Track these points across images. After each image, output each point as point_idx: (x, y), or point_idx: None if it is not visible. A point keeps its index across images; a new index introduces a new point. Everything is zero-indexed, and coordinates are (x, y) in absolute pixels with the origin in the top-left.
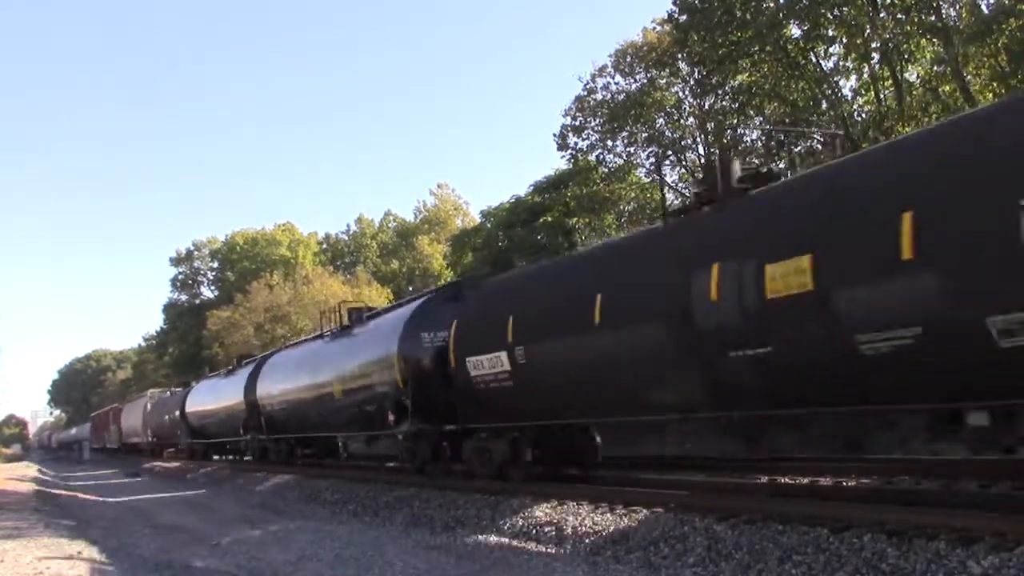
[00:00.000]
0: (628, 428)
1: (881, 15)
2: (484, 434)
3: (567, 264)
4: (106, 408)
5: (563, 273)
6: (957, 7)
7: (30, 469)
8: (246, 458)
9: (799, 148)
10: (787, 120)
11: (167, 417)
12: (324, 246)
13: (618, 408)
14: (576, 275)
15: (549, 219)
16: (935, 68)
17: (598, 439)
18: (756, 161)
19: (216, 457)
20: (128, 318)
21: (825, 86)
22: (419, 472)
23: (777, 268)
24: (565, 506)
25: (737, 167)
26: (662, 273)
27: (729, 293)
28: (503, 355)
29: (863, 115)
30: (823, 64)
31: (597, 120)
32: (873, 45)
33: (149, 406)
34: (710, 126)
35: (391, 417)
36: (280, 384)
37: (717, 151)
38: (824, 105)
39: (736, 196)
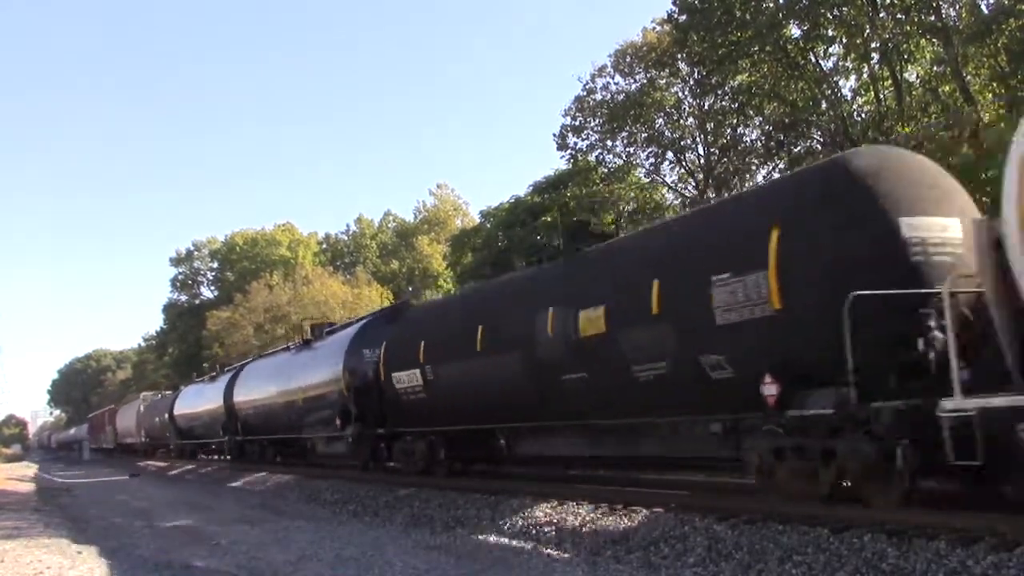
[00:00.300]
0: (519, 431)
1: (881, 15)
2: (410, 437)
3: (461, 299)
4: (102, 410)
5: (458, 307)
6: (957, 7)
7: (30, 469)
8: (226, 458)
9: (799, 148)
10: (787, 120)
11: (158, 419)
12: (324, 246)
13: (498, 416)
14: (466, 309)
15: (549, 219)
16: (935, 68)
17: (502, 441)
18: (756, 161)
19: (202, 456)
20: (128, 318)
21: (825, 86)
22: (364, 469)
23: (586, 314)
24: (565, 506)
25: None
26: (520, 312)
27: (559, 331)
28: (417, 372)
29: (863, 115)
30: (823, 64)
31: (597, 120)
32: (873, 45)
33: (142, 408)
34: (710, 126)
35: (338, 421)
36: (254, 391)
37: (716, 150)
38: (824, 105)
39: (570, 255)
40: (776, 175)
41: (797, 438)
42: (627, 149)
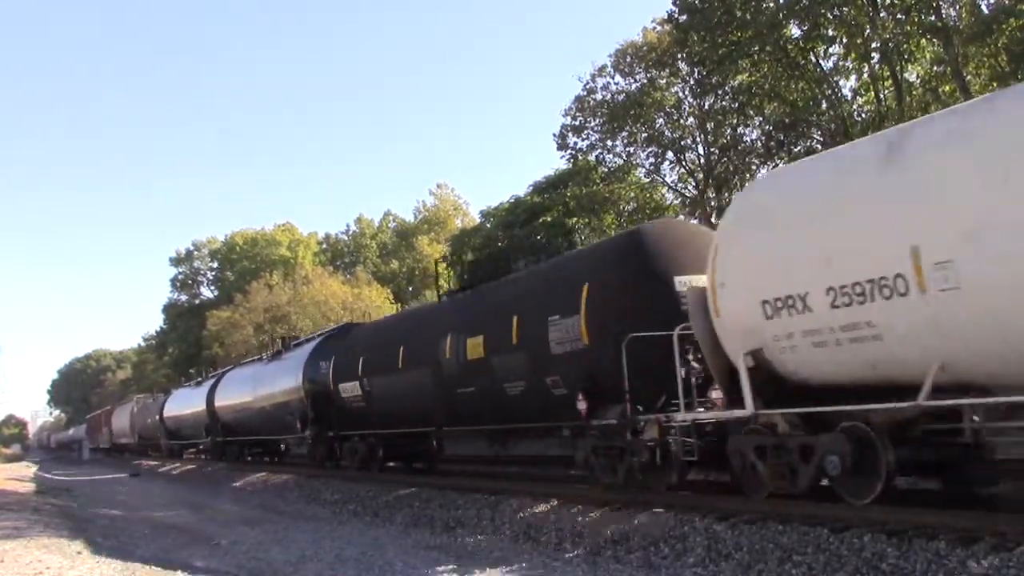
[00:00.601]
0: (444, 434)
1: (881, 15)
2: (357, 438)
3: (389, 323)
4: (99, 411)
5: (387, 329)
6: (957, 7)
7: (30, 469)
8: (205, 457)
9: (799, 148)
10: (787, 120)
11: (149, 420)
12: (324, 246)
13: (419, 422)
14: (392, 332)
15: (549, 219)
16: (935, 68)
17: (434, 442)
18: (756, 161)
19: (187, 455)
20: (128, 318)
21: (825, 86)
22: (320, 466)
23: (472, 341)
24: (565, 506)
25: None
26: (429, 337)
27: (454, 353)
28: (358, 383)
29: (863, 115)
30: (823, 64)
31: (597, 120)
32: (873, 45)
33: (135, 410)
34: (710, 126)
35: (299, 425)
36: (233, 396)
37: (716, 150)
38: (824, 105)
39: (468, 290)
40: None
41: (604, 440)
42: (627, 149)
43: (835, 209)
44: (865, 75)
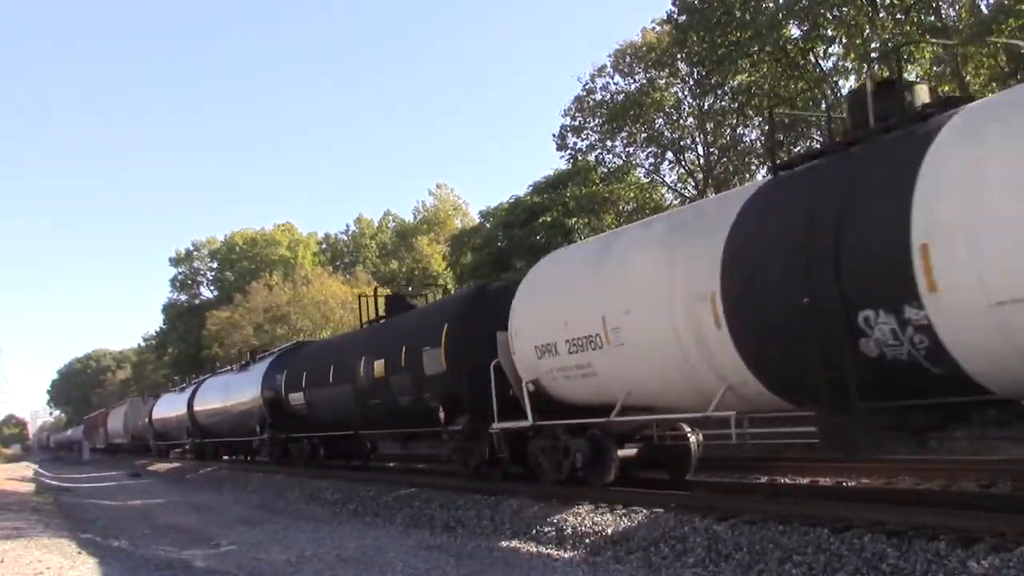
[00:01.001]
0: (373, 436)
1: (881, 15)
2: (305, 440)
3: (327, 344)
4: (95, 412)
5: (324, 350)
6: (957, 7)
7: (30, 469)
8: (190, 456)
9: (799, 148)
10: (787, 120)
11: (140, 422)
12: (323, 246)
13: (346, 427)
14: (327, 352)
15: (548, 219)
16: (935, 68)
17: (368, 444)
18: (756, 161)
19: (177, 454)
20: (128, 318)
21: (825, 86)
22: (276, 463)
23: (377, 363)
24: (565, 506)
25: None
26: (350, 358)
27: (365, 372)
28: (302, 394)
29: None
30: (823, 64)
31: (596, 120)
32: (873, 45)
33: (129, 412)
34: (709, 126)
35: (258, 428)
36: (209, 402)
37: (716, 151)
38: (824, 105)
39: (378, 321)
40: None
41: (456, 442)
42: (627, 149)
43: (571, 288)
44: (865, 75)
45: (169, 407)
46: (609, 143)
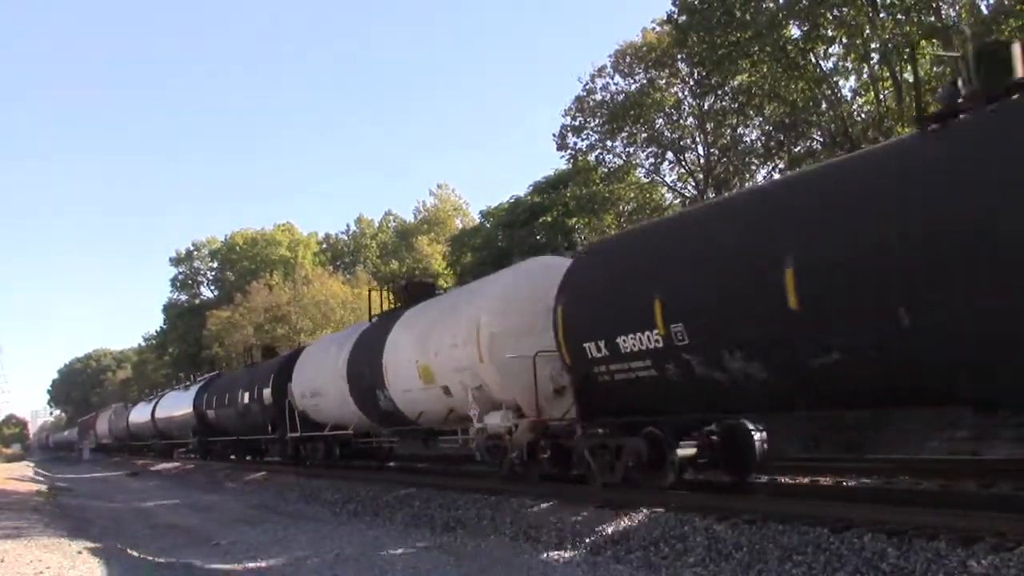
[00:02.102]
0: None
1: (881, 15)
2: (218, 443)
3: (229, 377)
4: (87, 416)
5: (226, 382)
6: (957, 7)
7: (30, 469)
8: (154, 455)
9: (799, 148)
10: (787, 120)
11: (120, 426)
12: (324, 246)
13: (238, 433)
14: (227, 383)
15: (548, 219)
16: (935, 68)
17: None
18: (756, 161)
19: (148, 453)
20: (128, 318)
21: (825, 86)
22: (203, 459)
23: (247, 393)
24: (565, 506)
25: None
26: (236, 388)
27: (241, 398)
28: (213, 411)
29: (863, 115)
30: (823, 64)
31: (597, 120)
32: (873, 45)
33: (112, 416)
34: (710, 126)
35: (191, 432)
36: (166, 410)
37: (716, 151)
38: (824, 105)
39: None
40: (776, 175)
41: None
42: (627, 149)
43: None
44: (865, 75)
45: (140, 414)
46: (609, 143)
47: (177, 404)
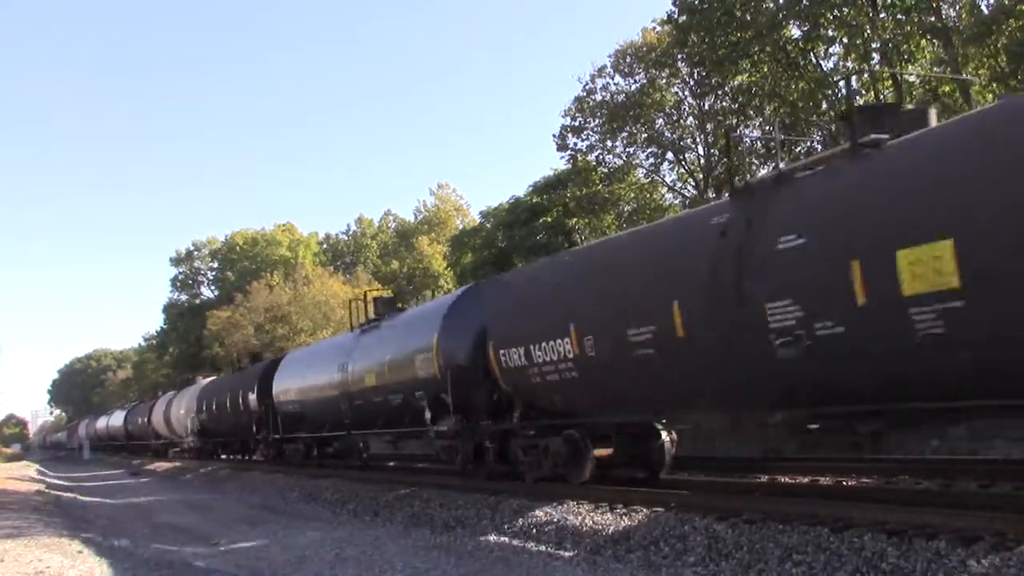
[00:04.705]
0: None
1: (881, 15)
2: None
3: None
4: (75, 421)
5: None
6: (957, 7)
7: (30, 469)
8: (124, 454)
9: (799, 148)
10: (787, 120)
11: (94, 429)
12: (324, 246)
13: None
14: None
15: (549, 219)
16: (935, 68)
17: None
18: (756, 161)
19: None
20: (128, 318)
21: (825, 86)
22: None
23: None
24: (565, 506)
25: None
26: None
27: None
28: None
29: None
30: (823, 64)
31: (596, 121)
32: (873, 45)
33: (88, 422)
34: (710, 126)
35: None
36: (137, 417)
37: (716, 151)
38: (824, 105)
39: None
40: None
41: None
42: (627, 149)
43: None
44: (865, 75)
45: (114, 420)
46: (609, 143)
47: (142, 412)
